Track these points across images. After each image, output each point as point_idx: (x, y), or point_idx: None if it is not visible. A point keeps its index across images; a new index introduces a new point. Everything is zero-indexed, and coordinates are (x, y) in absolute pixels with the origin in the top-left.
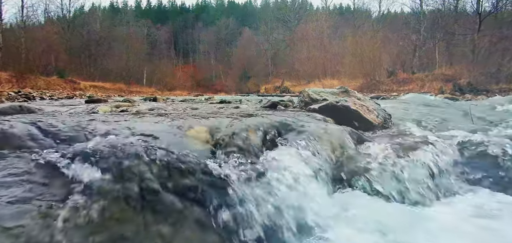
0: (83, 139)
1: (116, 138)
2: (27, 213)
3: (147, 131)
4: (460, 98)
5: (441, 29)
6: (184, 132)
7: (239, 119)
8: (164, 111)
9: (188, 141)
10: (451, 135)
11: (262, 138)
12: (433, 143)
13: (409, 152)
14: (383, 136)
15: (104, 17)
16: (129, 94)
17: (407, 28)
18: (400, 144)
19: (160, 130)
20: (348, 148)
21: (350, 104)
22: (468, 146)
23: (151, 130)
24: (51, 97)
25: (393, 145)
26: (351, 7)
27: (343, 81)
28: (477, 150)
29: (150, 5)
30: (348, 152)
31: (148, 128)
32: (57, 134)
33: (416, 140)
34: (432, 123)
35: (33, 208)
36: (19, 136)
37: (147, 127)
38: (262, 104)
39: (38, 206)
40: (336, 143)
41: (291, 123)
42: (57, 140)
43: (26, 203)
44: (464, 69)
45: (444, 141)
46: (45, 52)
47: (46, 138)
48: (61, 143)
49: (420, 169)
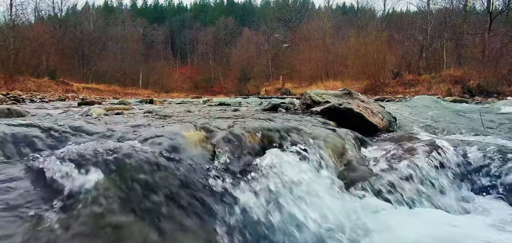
0: (74, 143)
1: (109, 142)
2: (14, 222)
3: (141, 134)
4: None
5: (449, 28)
6: (181, 136)
7: (238, 122)
8: (160, 114)
9: (185, 145)
10: (460, 140)
11: (262, 142)
12: (441, 147)
13: (415, 157)
14: (388, 140)
15: (98, 16)
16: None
17: (413, 27)
18: (406, 148)
19: (155, 133)
20: (352, 153)
21: (354, 107)
22: (479, 152)
23: (146, 133)
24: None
25: (398, 150)
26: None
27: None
28: (488, 157)
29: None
30: (352, 157)
31: (143, 132)
32: (48, 137)
33: (423, 144)
34: (439, 127)
35: (21, 216)
36: (6, 140)
37: (141, 131)
38: (262, 107)
39: (27, 214)
40: (339, 147)
41: (292, 126)
42: (48, 144)
43: (14, 210)
44: (473, 70)
45: (452, 146)
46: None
47: (36, 142)
48: (51, 147)
49: (428, 175)
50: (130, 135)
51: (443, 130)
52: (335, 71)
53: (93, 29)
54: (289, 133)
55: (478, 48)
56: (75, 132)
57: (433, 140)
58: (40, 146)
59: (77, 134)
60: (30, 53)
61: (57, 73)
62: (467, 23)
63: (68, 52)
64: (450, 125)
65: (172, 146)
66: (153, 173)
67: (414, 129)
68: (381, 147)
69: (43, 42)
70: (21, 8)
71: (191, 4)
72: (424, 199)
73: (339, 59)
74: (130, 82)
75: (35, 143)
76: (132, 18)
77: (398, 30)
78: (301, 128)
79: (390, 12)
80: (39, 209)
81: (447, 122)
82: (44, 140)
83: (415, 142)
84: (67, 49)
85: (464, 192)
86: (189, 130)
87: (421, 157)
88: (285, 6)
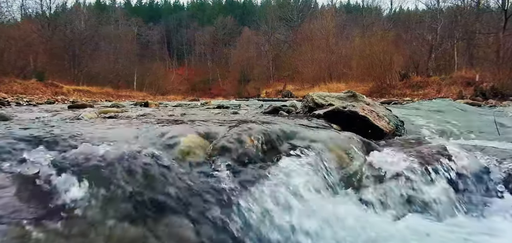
0: (63, 149)
1: (100, 148)
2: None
3: (135, 139)
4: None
5: (460, 27)
6: (177, 141)
7: (238, 126)
8: (156, 117)
9: (181, 150)
10: (473, 145)
11: (262, 147)
12: (452, 154)
13: (424, 163)
14: (395, 145)
15: (89, 14)
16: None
17: (421, 27)
18: (414, 154)
19: (150, 138)
20: (357, 158)
21: (358, 110)
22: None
23: (140, 138)
24: (29, 103)
25: (406, 155)
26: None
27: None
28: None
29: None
30: (357, 162)
31: (137, 136)
32: (34, 143)
33: (432, 149)
34: (450, 131)
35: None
36: None
37: (135, 135)
38: (262, 110)
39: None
40: (343, 153)
41: (293, 130)
42: (34, 151)
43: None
44: (487, 72)
45: (465, 152)
46: (21, 53)
47: (22, 148)
48: (39, 154)
49: (438, 183)
50: (123, 140)
51: (454, 135)
52: (339, 73)
53: (85, 28)
54: (291, 137)
55: (492, 48)
56: (65, 137)
57: (444, 145)
58: (26, 153)
59: (67, 139)
60: (16, 53)
61: (45, 74)
62: (480, 21)
63: (58, 52)
64: (461, 129)
65: (167, 151)
66: (147, 180)
67: (422, 133)
68: (388, 152)
69: (30, 42)
70: (6, 5)
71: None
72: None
73: (343, 60)
74: (124, 84)
75: (20, 149)
76: (126, 16)
77: (406, 30)
78: (303, 132)
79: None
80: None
81: (458, 126)
82: (30, 146)
83: (424, 147)
84: (56, 49)
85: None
86: (186, 135)
87: (431, 164)
88: (286, 5)
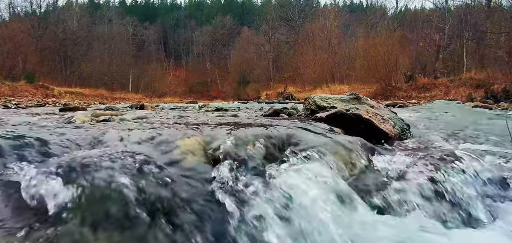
0: (53, 154)
1: (92, 153)
2: None
3: (130, 145)
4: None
5: (470, 27)
6: (175, 145)
7: (237, 129)
8: (152, 121)
9: (178, 155)
10: (484, 151)
11: (262, 151)
12: (460, 159)
13: (432, 169)
14: (401, 149)
15: (82, 13)
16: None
17: (428, 26)
18: (421, 159)
19: (146, 143)
20: (361, 163)
21: (362, 113)
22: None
23: (135, 143)
24: (18, 105)
25: (412, 160)
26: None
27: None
28: None
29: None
30: (361, 167)
31: (132, 142)
32: (22, 148)
33: (440, 155)
34: (458, 135)
35: None
36: None
37: (130, 140)
38: (263, 112)
39: None
40: (346, 157)
41: (295, 134)
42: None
43: None
44: (498, 73)
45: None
46: (10, 53)
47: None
48: (26, 160)
49: (446, 188)
50: (116, 144)
51: (463, 140)
52: (342, 74)
53: (77, 28)
54: (292, 141)
55: (503, 48)
56: (55, 141)
57: (452, 150)
58: (12, 160)
59: (57, 144)
60: (4, 53)
61: (35, 76)
62: (490, 20)
63: (49, 53)
64: (471, 133)
65: (164, 156)
66: (141, 185)
67: (430, 138)
68: (393, 157)
69: (19, 42)
70: None
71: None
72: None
73: (346, 61)
74: (118, 86)
75: (6, 156)
76: (121, 16)
77: (412, 30)
78: (304, 136)
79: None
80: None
81: (467, 130)
82: (18, 152)
83: (431, 152)
84: (47, 49)
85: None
86: (183, 139)
87: (438, 170)
88: (287, 4)
